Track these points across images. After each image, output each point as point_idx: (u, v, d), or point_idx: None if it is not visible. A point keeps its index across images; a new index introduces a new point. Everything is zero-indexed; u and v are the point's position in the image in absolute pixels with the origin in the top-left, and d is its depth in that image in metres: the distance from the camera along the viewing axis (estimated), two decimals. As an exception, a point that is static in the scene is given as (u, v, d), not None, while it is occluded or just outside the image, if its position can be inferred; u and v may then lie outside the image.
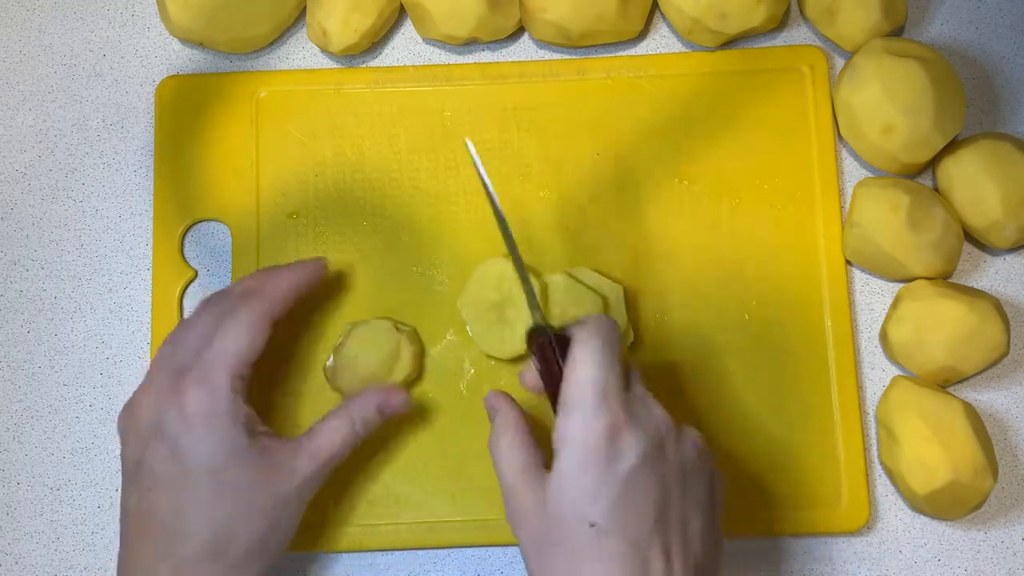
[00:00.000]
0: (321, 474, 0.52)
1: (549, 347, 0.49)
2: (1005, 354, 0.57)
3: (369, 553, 0.59)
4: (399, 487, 0.58)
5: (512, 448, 0.49)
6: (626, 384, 0.47)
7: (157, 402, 0.51)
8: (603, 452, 0.45)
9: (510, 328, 0.57)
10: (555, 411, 0.48)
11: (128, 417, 0.52)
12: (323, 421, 0.53)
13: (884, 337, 0.59)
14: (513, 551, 0.58)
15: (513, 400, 0.51)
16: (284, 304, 0.54)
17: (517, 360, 0.58)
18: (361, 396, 0.54)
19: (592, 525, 0.45)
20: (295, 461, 0.52)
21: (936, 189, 0.61)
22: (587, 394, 0.46)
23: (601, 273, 0.58)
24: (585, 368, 0.46)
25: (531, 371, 0.51)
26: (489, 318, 0.57)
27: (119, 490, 0.60)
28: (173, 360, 0.52)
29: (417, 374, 0.59)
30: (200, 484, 0.50)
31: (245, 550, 0.50)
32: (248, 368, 0.51)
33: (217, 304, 0.53)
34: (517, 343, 0.57)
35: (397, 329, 0.58)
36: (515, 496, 0.48)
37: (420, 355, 0.59)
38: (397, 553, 0.59)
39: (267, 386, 0.59)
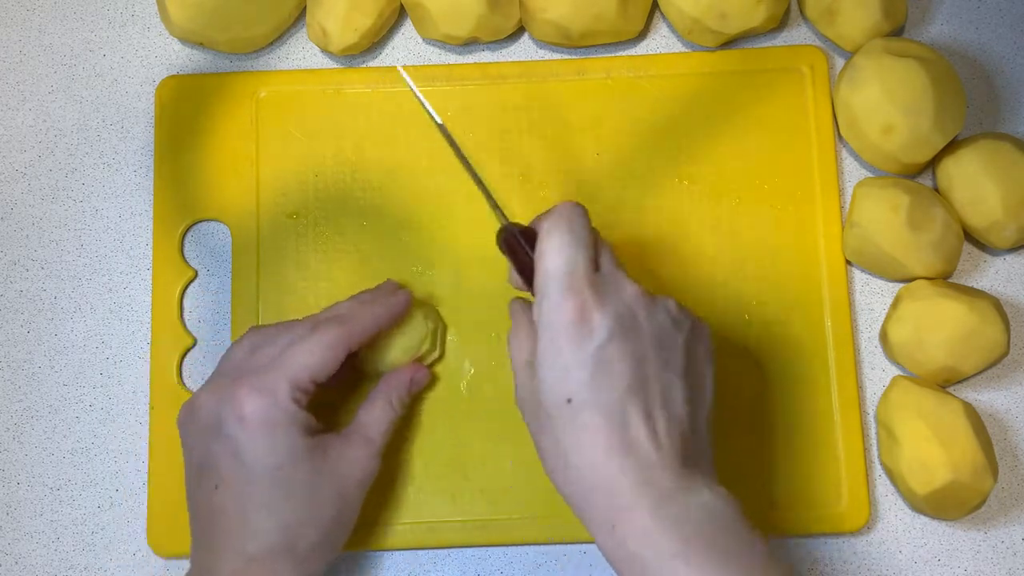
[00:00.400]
0: (378, 460, 0.54)
1: (515, 241, 0.50)
2: (1005, 354, 0.57)
3: (369, 553, 0.59)
4: (399, 487, 0.58)
5: (521, 341, 0.50)
6: (595, 265, 0.48)
7: (218, 403, 0.51)
8: (573, 332, 0.46)
9: None
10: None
11: (188, 415, 0.52)
12: (367, 408, 0.55)
13: (884, 337, 0.59)
14: (513, 551, 0.58)
15: (527, 305, 0.52)
16: (364, 335, 0.54)
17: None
18: (393, 377, 0.56)
19: (568, 401, 0.46)
20: (353, 452, 0.53)
21: (936, 189, 0.61)
22: (554, 280, 0.47)
23: None
24: (550, 256, 0.47)
25: (513, 271, 0.52)
26: None
27: (118, 490, 0.60)
28: (242, 363, 0.52)
29: (441, 353, 0.59)
30: (264, 483, 0.50)
31: (312, 544, 0.51)
32: (312, 385, 0.52)
33: (297, 322, 0.54)
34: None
35: (421, 309, 0.58)
36: (520, 386, 0.50)
37: (444, 333, 0.59)
38: (397, 553, 0.59)
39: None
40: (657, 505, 0.45)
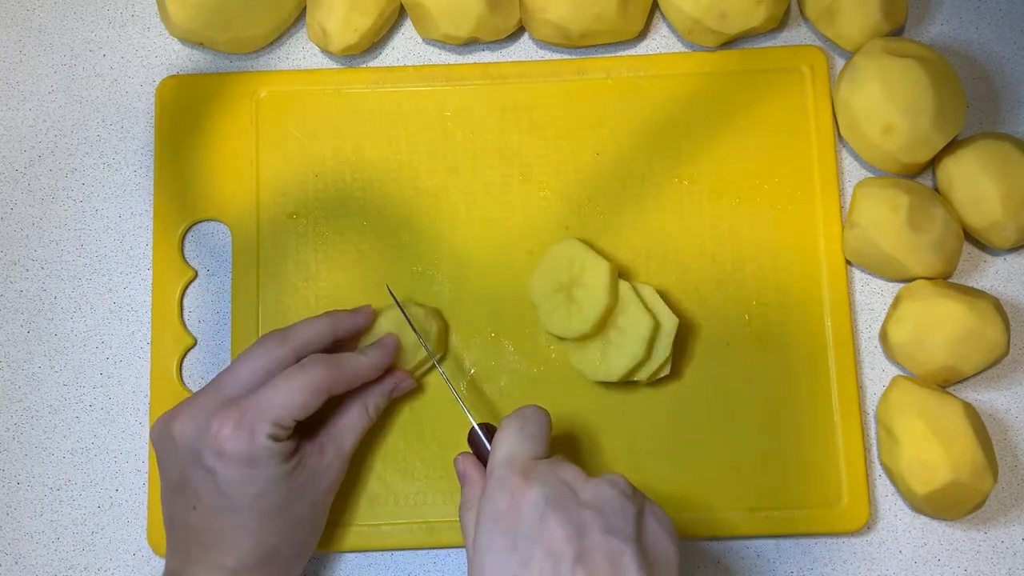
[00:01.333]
0: (346, 464, 0.55)
1: (478, 438, 0.53)
2: (1005, 354, 0.57)
3: (369, 553, 0.59)
4: (399, 487, 0.58)
5: (471, 513, 0.50)
6: (541, 456, 0.49)
7: (197, 432, 0.51)
8: (505, 519, 0.46)
9: (576, 307, 0.56)
10: None
11: (165, 433, 0.52)
12: (342, 414, 0.55)
13: (884, 337, 0.59)
14: (513, 551, 0.58)
15: (482, 469, 0.52)
16: (352, 385, 0.54)
17: (582, 339, 0.57)
18: (377, 385, 0.56)
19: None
20: (326, 460, 0.54)
21: (936, 189, 0.61)
22: (495, 468, 0.48)
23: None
24: (496, 447, 0.49)
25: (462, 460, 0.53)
26: (557, 299, 0.57)
27: (118, 490, 0.60)
28: (222, 391, 0.52)
29: (444, 352, 0.59)
30: (243, 511, 0.51)
31: (292, 554, 0.53)
32: (292, 423, 0.52)
33: (281, 344, 0.54)
34: (583, 322, 0.56)
35: (423, 309, 0.58)
36: (472, 567, 0.47)
37: (446, 332, 0.59)
38: (397, 553, 0.59)
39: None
40: None
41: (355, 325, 0.57)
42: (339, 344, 0.56)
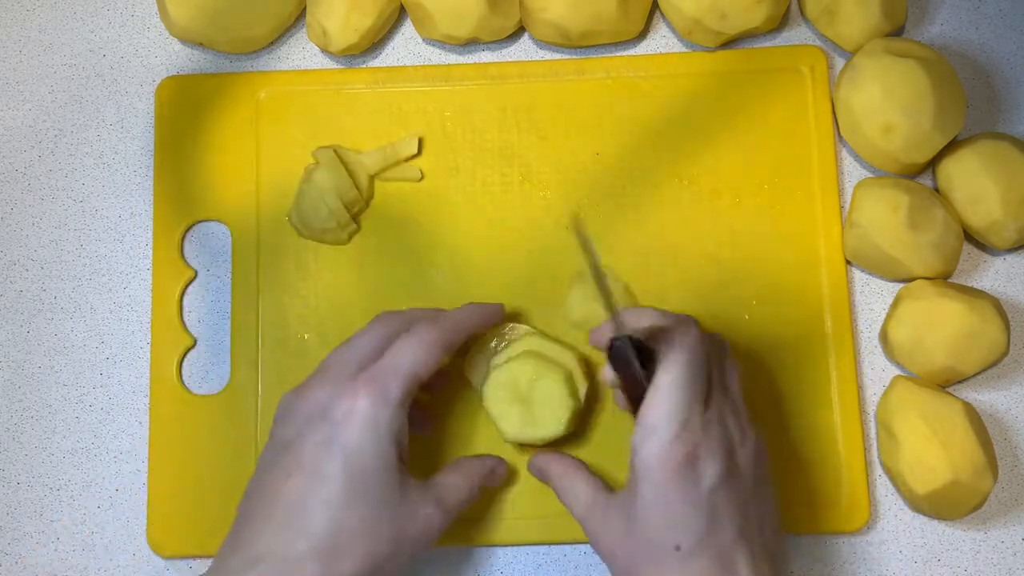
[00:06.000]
0: (442, 527, 0.52)
1: (629, 361, 0.48)
2: (1005, 354, 0.57)
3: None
4: (399, 487, 0.58)
5: (574, 486, 0.51)
6: (707, 399, 0.48)
7: (332, 392, 0.50)
8: (682, 478, 0.46)
9: (536, 412, 0.55)
10: (631, 406, 0.49)
11: (296, 398, 0.52)
12: (446, 474, 0.53)
13: (884, 337, 0.59)
14: (513, 551, 0.58)
15: (556, 451, 0.54)
16: (459, 336, 0.54)
17: (551, 444, 0.56)
18: (479, 460, 0.56)
19: (678, 548, 0.46)
20: (423, 503, 0.51)
21: (936, 189, 0.61)
22: (667, 422, 0.47)
23: (608, 275, 0.58)
24: (669, 392, 0.47)
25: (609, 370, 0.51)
26: (515, 411, 0.55)
27: (118, 490, 0.60)
28: (349, 362, 0.52)
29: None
30: (337, 483, 0.49)
31: (351, 570, 0.48)
32: (416, 385, 0.51)
33: (390, 322, 0.54)
34: (545, 429, 0.55)
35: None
36: (593, 526, 0.50)
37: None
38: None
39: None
40: None
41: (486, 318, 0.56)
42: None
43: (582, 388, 0.56)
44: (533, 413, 0.55)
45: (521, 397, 0.55)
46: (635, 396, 0.48)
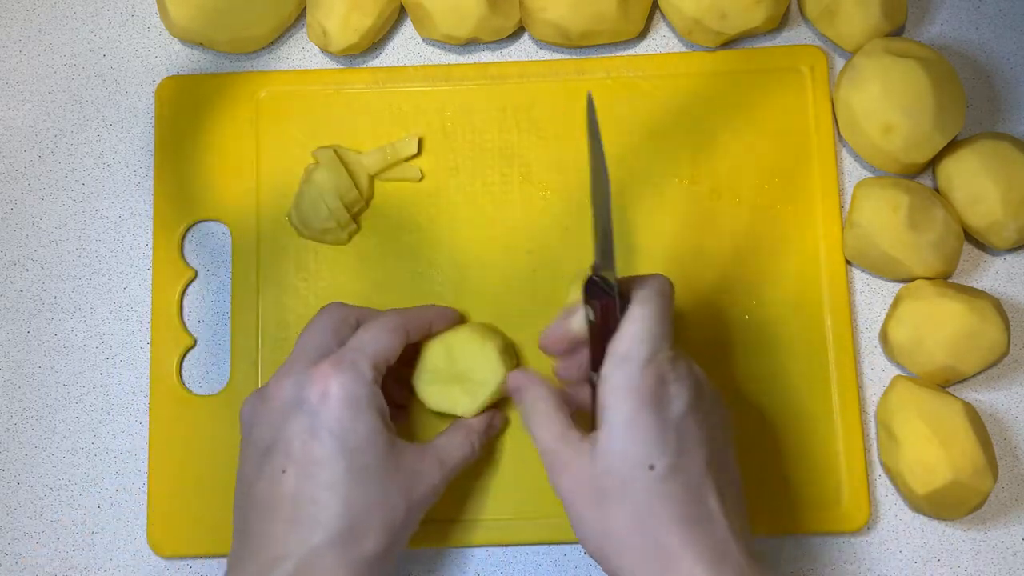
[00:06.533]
0: (443, 486, 0.53)
1: (612, 305, 0.49)
2: (1005, 354, 0.57)
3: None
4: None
5: (548, 416, 0.50)
6: (673, 344, 0.49)
7: (297, 383, 0.50)
8: (654, 402, 0.47)
9: (473, 377, 0.56)
10: (594, 366, 0.49)
11: (260, 400, 0.51)
12: (446, 435, 0.54)
13: (884, 337, 0.59)
14: (513, 551, 0.58)
15: (536, 373, 0.53)
16: (419, 323, 0.55)
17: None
18: (472, 420, 0.56)
19: (651, 467, 0.46)
20: (422, 465, 0.52)
21: (936, 189, 0.61)
22: (641, 347, 0.47)
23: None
24: (643, 323, 0.48)
25: (552, 330, 0.52)
26: (454, 389, 0.56)
27: (118, 490, 0.60)
28: (308, 351, 0.52)
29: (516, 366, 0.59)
30: (338, 464, 0.48)
31: (373, 548, 0.49)
32: (384, 366, 0.51)
33: (338, 311, 0.54)
34: (486, 385, 0.55)
35: (479, 330, 0.58)
36: (558, 459, 0.49)
37: (514, 349, 0.59)
38: (397, 553, 0.58)
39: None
40: None
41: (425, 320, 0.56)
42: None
43: (500, 339, 0.57)
44: (471, 379, 0.55)
45: (451, 375, 0.55)
46: (603, 336, 0.49)
